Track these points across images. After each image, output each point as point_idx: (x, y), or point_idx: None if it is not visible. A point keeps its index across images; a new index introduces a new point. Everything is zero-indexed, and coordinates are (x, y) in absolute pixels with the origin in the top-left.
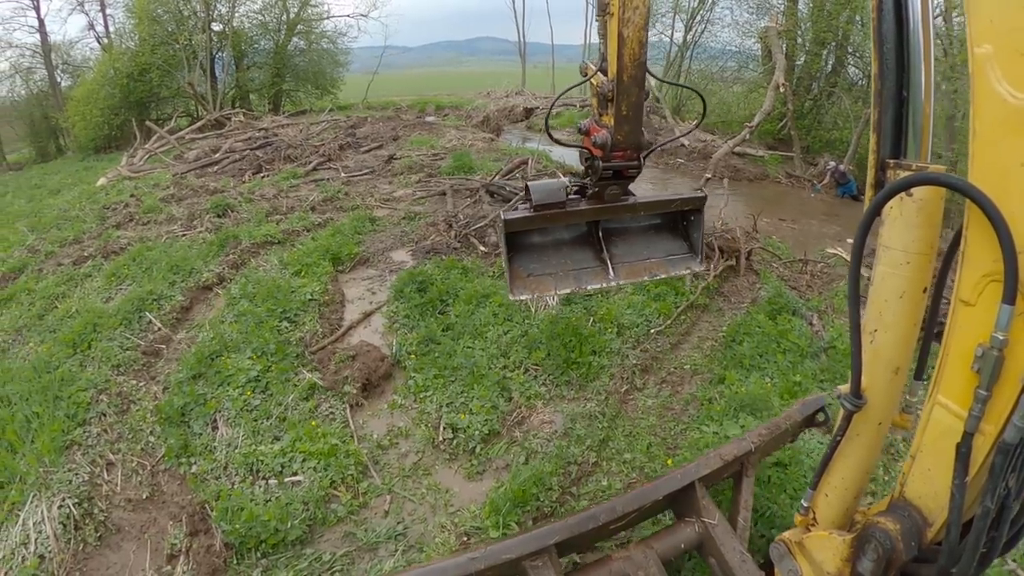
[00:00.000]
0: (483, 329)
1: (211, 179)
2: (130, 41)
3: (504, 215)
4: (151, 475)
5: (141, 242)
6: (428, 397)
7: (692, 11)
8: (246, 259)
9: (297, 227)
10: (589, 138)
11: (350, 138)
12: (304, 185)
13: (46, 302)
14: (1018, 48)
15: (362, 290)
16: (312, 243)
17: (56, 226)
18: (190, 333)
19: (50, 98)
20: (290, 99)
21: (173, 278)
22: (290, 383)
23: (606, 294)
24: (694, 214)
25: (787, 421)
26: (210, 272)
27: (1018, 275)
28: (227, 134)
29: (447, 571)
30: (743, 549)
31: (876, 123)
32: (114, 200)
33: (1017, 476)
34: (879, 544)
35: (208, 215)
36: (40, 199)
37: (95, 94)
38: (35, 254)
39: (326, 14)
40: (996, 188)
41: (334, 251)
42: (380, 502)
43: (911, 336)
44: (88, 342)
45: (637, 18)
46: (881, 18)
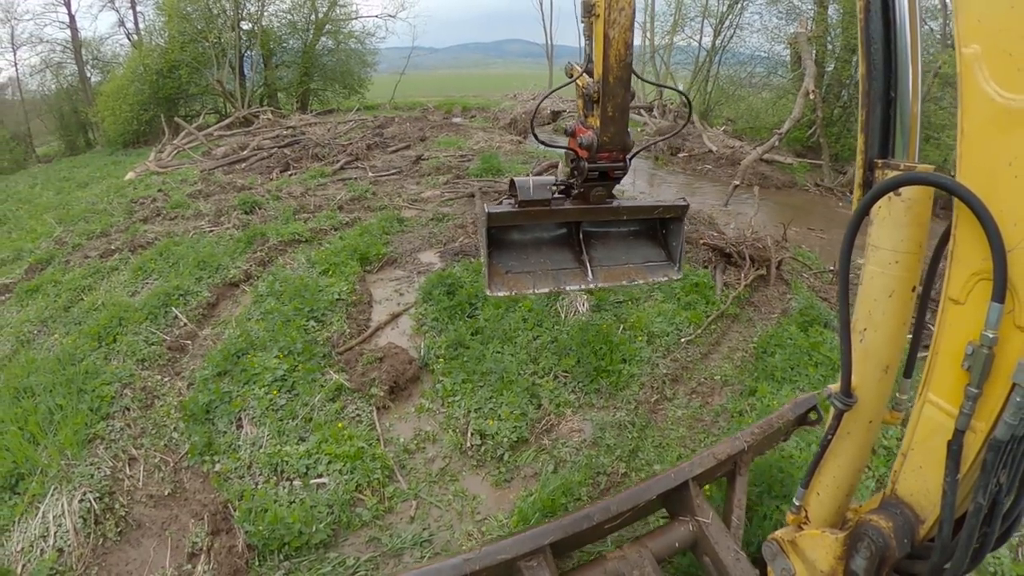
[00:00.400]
0: (512, 334)
1: (239, 176)
2: (160, 38)
3: (488, 208)
4: (174, 471)
5: (168, 237)
6: (456, 402)
7: (721, 16)
8: (273, 257)
9: (325, 226)
10: (575, 139)
11: (377, 138)
12: (332, 184)
13: (72, 294)
14: (1005, 48)
15: (390, 291)
16: (340, 242)
17: (84, 219)
18: (216, 330)
19: (80, 93)
20: (318, 98)
21: (200, 274)
22: (317, 383)
23: (636, 301)
24: (674, 222)
25: (780, 420)
26: (237, 269)
27: (1007, 273)
28: (255, 132)
29: (442, 572)
30: (737, 547)
31: (864, 123)
32: (142, 195)
33: (1008, 472)
34: (872, 542)
35: (236, 212)
36: (68, 192)
37: (124, 90)
38: (62, 246)
39: (354, 14)
40: (984, 187)
41: (362, 251)
42: (406, 507)
43: (900, 335)
44: (113, 335)
45: (623, 19)
46: (868, 19)
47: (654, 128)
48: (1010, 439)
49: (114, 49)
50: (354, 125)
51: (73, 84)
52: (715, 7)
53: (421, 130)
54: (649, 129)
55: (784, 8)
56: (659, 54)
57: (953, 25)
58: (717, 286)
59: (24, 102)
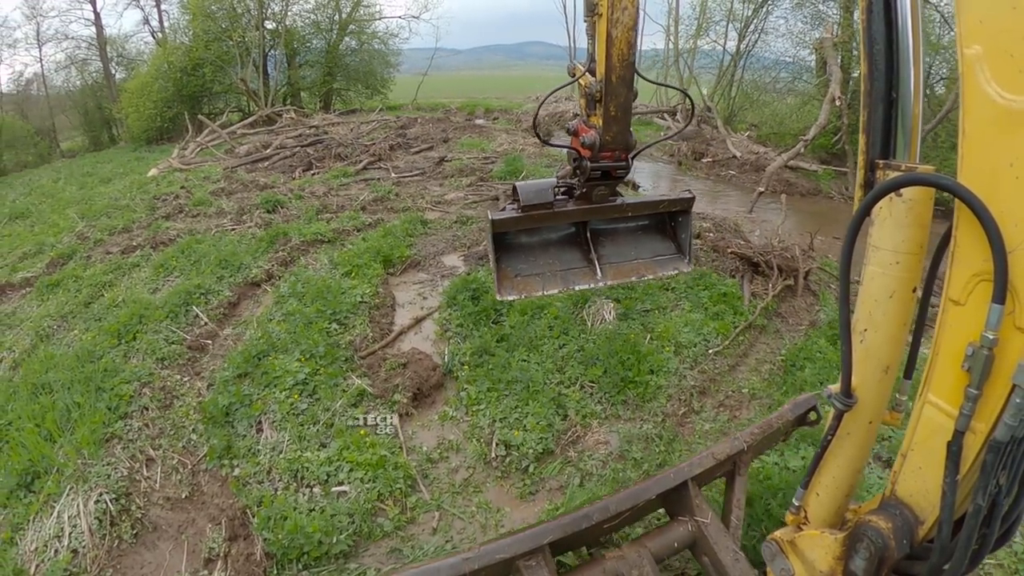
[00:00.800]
0: (538, 342)
1: (261, 174)
2: (184, 36)
3: (492, 215)
4: (192, 474)
5: (190, 234)
6: (481, 411)
7: (746, 20)
8: (295, 257)
9: (347, 226)
10: (577, 139)
11: (400, 138)
12: (354, 184)
13: (93, 290)
14: (1007, 49)
15: (413, 294)
16: (363, 243)
17: (106, 214)
18: (237, 330)
19: (104, 89)
20: (340, 98)
21: (221, 273)
22: (338, 388)
23: (663, 310)
24: (682, 215)
25: (779, 420)
26: (259, 268)
27: (1008, 274)
28: (278, 131)
29: (441, 571)
30: (736, 548)
31: (865, 124)
32: (164, 191)
33: (1008, 473)
34: (871, 542)
35: (258, 211)
36: (91, 187)
37: (148, 87)
38: (84, 241)
39: (378, 15)
40: (985, 188)
41: (385, 253)
42: (428, 518)
43: (901, 335)
44: (133, 333)
45: (626, 18)
46: (870, 19)
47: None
48: (1010, 440)
49: (139, 47)
50: (377, 125)
51: (98, 81)
52: (740, 11)
53: (444, 131)
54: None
55: (809, 13)
56: (683, 58)
57: (955, 26)
58: (745, 296)
59: (49, 98)
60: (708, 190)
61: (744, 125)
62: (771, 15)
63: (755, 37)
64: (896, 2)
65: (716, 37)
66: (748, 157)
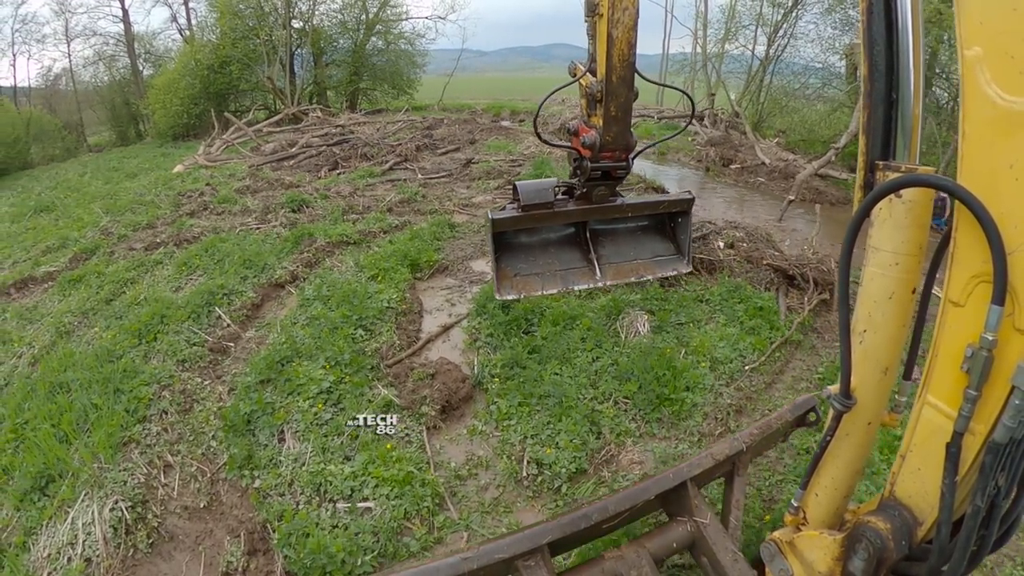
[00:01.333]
0: (571, 355)
1: (287, 173)
2: (211, 34)
3: (492, 215)
4: (211, 483)
5: (214, 233)
6: (512, 426)
7: (775, 24)
8: (320, 258)
9: (374, 228)
10: (578, 139)
11: (427, 139)
12: (380, 185)
13: (115, 287)
14: (1007, 51)
15: (441, 300)
16: (389, 246)
17: (130, 209)
18: (260, 332)
19: (131, 85)
20: (367, 98)
21: (245, 273)
22: (364, 398)
23: (698, 323)
24: (681, 216)
25: (778, 421)
26: (283, 269)
27: (1007, 276)
28: (304, 129)
29: (440, 571)
30: (735, 548)
31: (865, 125)
32: (189, 188)
33: (1007, 475)
34: (870, 543)
35: (283, 210)
36: (117, 182)
37: (175, 83)
38: (108, 236)
39: (404, 15)
40: (985, 189)
41: (412, 257)
42: (456, 538)
43: (900, 336)
44: (154, 333)
45: (626, 19)
46: (871, 20)
47: (705, 138)
48: (1009, 442)
49: (166, 44)
50: (403, 125)
51: (125, 77)
52: (769, 15)
53: (470, 133)
54: (700, 139)
55: (839, 18)
56: (711, 62)
57: (955, 27)
58: (781, 310)
59: (77, 93)
60: (736, 197)
61: (772, 131)
62: (800, 20)
63: (784, 42)
64: (896, 3)
65: (745, 42)
66: (777, 164)
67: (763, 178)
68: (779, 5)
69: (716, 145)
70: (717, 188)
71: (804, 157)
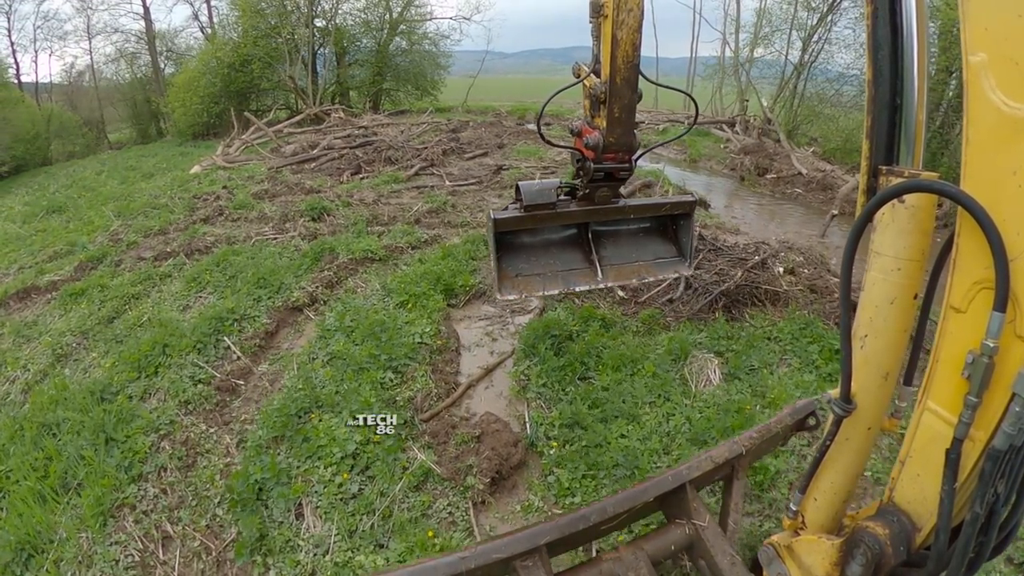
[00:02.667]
0: (638, 410)
1: (307, 176)
2: (233, 32)
3: (494, 215)
4: (216, 563)
5: (228, 243)
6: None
7: (810, 29)
8: (343, 277)
9: (401, 243)
10: (581, 140)
11: (453, 143)
12: (406, 192)
13: (118, 303)
14: (1012, 57)
15: (479, 333)
16: (419, 266)
17: (143, 213)
18: (274, 366)
19: (153, 83)
20: (390, 98)
21: (258, 293)
22: (398, 464)
23: (771, 367)
24: (683, 218)
25: (778, 425)
26: (301, 291)
27: (1009, 283)
28: (325, 130)
29: (437, 569)
30: (733, 552)
31: (869, 129)
32: (206, 190)
33: (1006, 482)
34: (868, 548)
35: (302, 218)
36: (133, 182)
37: (196, 82)
38: (116, 243)
39: (429, 15)
40: (988, 196)
41: (446, 280)
42: None
43: (901, 342)
44: (155, 366)
45: (631, 20)
46: (875, 24)
47: (738, 146)
48: (1008, 449)
49: (188, 42)
50: (427, 128)
51: (147, 74)
52: (805, 19)
53: (498, 136)
54: (733, 147)
55: None
56: (743, 67)
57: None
58: None
59: (98, 90)
60: (775, 208)
61: (805, 139)
62: (836, 25)
63: (819, 47)
64: (901, 8)
65: (779, 47)
66: (814, 175)
67: (800, 189)
68: (814, 9)
69: (750, 153)
70: (749, 198)
71: (842, 167)
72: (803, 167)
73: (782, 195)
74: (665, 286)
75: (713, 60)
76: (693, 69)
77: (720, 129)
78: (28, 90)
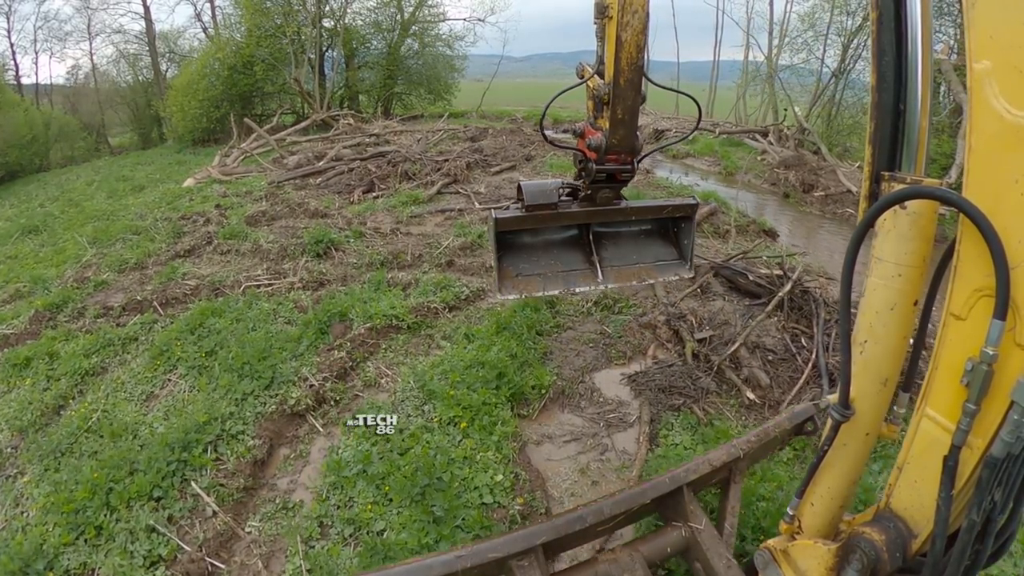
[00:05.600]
0: None
1: (312, 193)
2: (236, 32)
3: (495, 214)
4: None
5: (211, 290)
6: None
7: (849, 34)
8: (359, 360)
9: (434, 301)
10: (583, 140)
11: (476, 153)
12: (429, 216)
13: (68, 382)
14: (1016, 65)
15: (570, 469)
16: (465, 347)
17: (122, 239)
18: (268, 526)
19: (154, 86)
20: (401, 102)
21: (244, 388)
22: None
23: None
24: (685, 221)
25: (777, 429)
26: (302, 385)
27: (1009, 291)
28: (333, 138)
29: (433, 568)
30: (729, 555)
31: (872, 135)
32: (196, 209)
33: (1003, 490)
34: (864, 554)
35: (304, 256)
36: (121, 196)
37: (195, 84)
38: (82, 285)
39: (442, 16)
40: (990, 203)
41: (510, 375)
42: None
43: (901, 348)
44: (96, 525)
45: (636, 22)
46: (880, 30)
47: (777, 158)
48: (1006, 457)
49: (191, 43)
50: (444, 135)
51: (148, 77)
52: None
53: (522, 146)
54: (771, 159)
55: None
56: (776, 74)
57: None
58: None
59: (99, 92)
60: (832, 231)
61: (836, 148)
62: None
63: (858, 53)
64: (906, 14)
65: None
66: None
67: (852, 209)
68: (852, 14)
69: (791, 167)
70: (804, 220)
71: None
72: (852, 184)
73: (834, 216)
74: (803, 380)
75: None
76: (716, 73)
77: (753, 139)
78: (28, 92)
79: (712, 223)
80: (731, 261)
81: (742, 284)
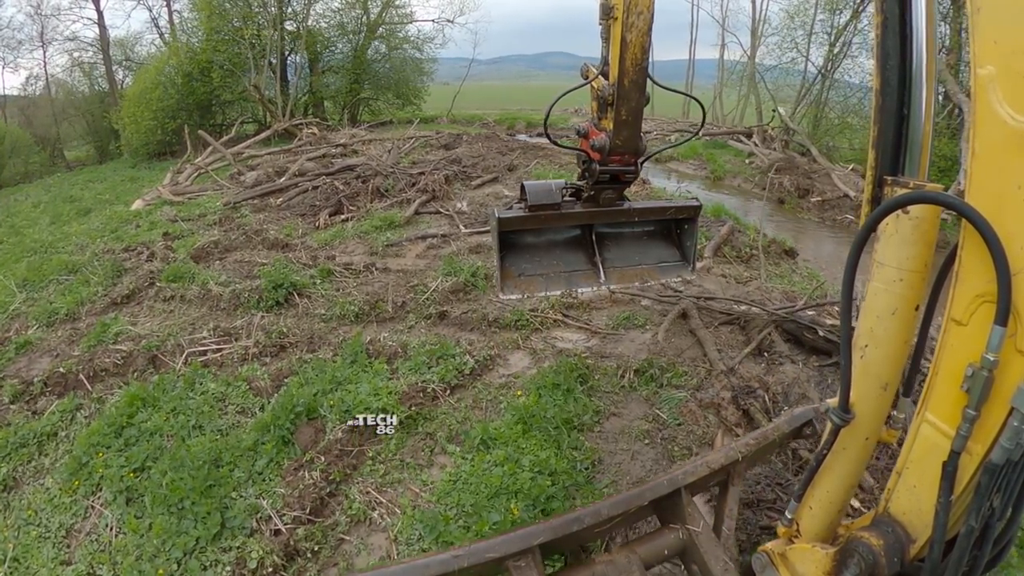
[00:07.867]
0: None
1: (272, 216)
2: (194, 38)
3: (498, 213)
4: None
5: (145, 362)
6: None
7: (838, 30)
8: (337, 482)
9: (431, 381)
10: (587, 141)
11: (454, 165)
12: (409, 245)
13: None
14: (1020, 70)
15: None
16: (484, 459)
17: (56, 279)
18: None
19: (109, 96)
20: (369, 108)
21: (185, 540)
22: None
23: None
24: (688, 223)
25: (775, 432)
26: (265, 532)
27: (1011, 297)
28: (296, 150)
29: (430, 567)
30: (727, 558)
31: (875, 139)
32: (142, 238)
33: (1002, 496)
34: (862, 559)
35: (260, 309)
36: (65, 221)
37: (148, 94)
38: (2, 349)
39: (409, 18)
40: (992, 209)
41: (543, 501)
42: None
43: (901, 353)
44: None
45: (641, 23)
46: (885, 34)
47: (767, 161)
48: (1005, 463)
49: (148, 50)
50: (416, 143)
51: (103, 87)
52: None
53: (502, 153)
54: (759, 162)
55: None
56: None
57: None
58: None
59: (53, 103)
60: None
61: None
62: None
63: (843, 50)
64: (911, 19)
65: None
66: (861, 197)
67: (851, 215)
68: (837, 11)
69: (782, 171)
70: (807, 230)
71: None
72: (848, 188)
73: (834, 223)
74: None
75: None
76: (692, 73)
77: (738, 141)
78: None
79: (732, 244)
80: (796, 313)
81: (808, 340)
